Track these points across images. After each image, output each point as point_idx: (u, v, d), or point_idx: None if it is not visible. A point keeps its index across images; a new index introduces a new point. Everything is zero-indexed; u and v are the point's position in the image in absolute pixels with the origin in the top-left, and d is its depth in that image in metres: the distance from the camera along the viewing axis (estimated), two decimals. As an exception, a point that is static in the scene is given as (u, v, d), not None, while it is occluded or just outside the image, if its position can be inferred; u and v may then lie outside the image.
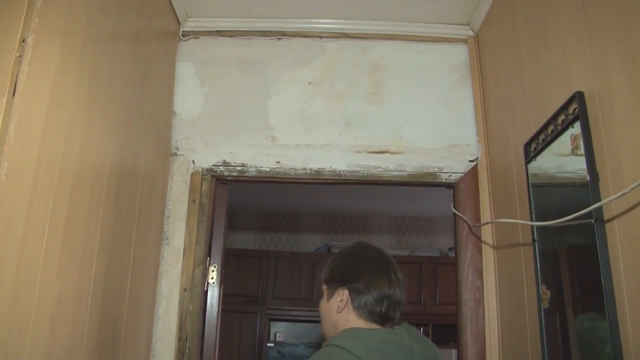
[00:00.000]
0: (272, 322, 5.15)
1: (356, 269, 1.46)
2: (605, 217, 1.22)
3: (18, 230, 1.11)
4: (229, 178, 2.22)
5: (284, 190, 4.76)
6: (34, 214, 1.16)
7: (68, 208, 1.31)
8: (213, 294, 2.19)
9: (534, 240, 1.60)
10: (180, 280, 2.06)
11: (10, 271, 1.09)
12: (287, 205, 5.37)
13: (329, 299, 1.47)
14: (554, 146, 1.54)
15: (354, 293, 1.41)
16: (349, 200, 5.05)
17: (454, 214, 2.18)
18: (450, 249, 5.24)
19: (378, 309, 1.40)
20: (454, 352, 5.37)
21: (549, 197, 1.63)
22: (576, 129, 1.36)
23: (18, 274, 1.11)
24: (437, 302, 4.99)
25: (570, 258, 1.55)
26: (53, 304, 1.25)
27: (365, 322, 1.40)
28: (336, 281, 1.46)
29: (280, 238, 5.59)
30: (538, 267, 1.57)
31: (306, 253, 5.21)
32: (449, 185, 2.23)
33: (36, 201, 1.17)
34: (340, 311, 1.42)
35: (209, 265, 2.17)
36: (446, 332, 5.01)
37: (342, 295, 1.43)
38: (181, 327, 2.02)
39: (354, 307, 1.41)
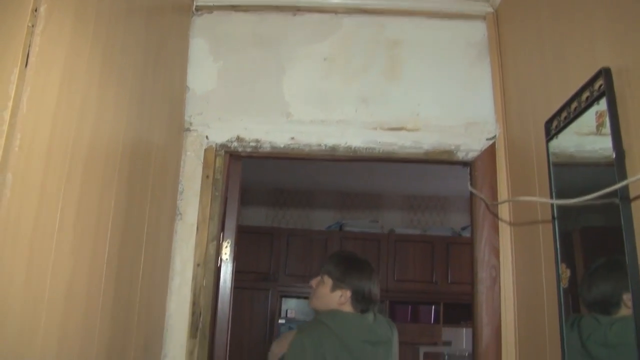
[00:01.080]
0: (283, 299, 5.18)
1: (358, 277, 2.17)
2: (631, 196, 1.19)
3: (32, 203, 1.10)
4: (242, 154, 2.20)
5: (297, 167, 4.75)
6: (47, 187, 1.15)
7: (81, 182, 1.29)
8: (226, 270, 2.19)
9: (553, 218, 1.57)
10: (193, 256, 2.05)
11: (24, 244, 1.08)
12: (300, 182, 5.36)
13: (332, 290, 2.16)
14: (576, 124, 1.50)
15: (354, 294, 2.15)
16: (362, 178, 5.03)
17: (471, 192, 2.15)
18: (463, 229, 5.22)
19: (362, 304, 2.16)
20: (464, 331, 5.40)
21: (569, 176, 1.60)
22: (601, 105, 1.32)
23: (32, 247, 1.10)
24: (449, 281, 4.98)
25: (591, 238, 1.52)
26: (67, 280, 1.24)
27: (351, 310, 2.15)
28: (344, 283, 2.16)
29: (292, 215, 5.59)
30: (557, 245, 1.55)
31: (318, 231, 5.21)
32: (465, 164, 2.20)
33: (50, 175, 1.16)
34: (341, 302, 2.14)
35: (222, 241, 2.16)
36: (457, 311, 5.03)
37: (345, 295, 2.15)
38: (194, 303, 2.02)
39: (347, 300, 2.14)
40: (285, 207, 5.62)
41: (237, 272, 2.26)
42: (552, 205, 1.58)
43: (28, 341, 1.10)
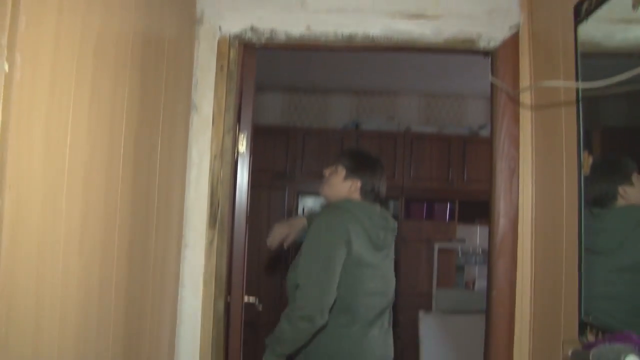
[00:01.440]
0: (300, 197, 5.24)
1: (370, 172, 2.32)
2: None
3: (44, 85, 1.07)
4: (257, 44, 2.14)
5: (312, 65, 4.65)
6: (58, 71, 1.12)
7: (93, 69, 1.26)
8: (243, 162, 2.19)
9: (578, 101, 1.53)
10: (210, 148, 2.05)
11: (39, 129, 1.07)
12: (315, 81, 5.27)
13: (344, 179, 2.31)
14: (608, 7, 1.43)
15: (363, 185, 2.31)
16: (378, 76, 4.93)
17: (491, 83, 2.09)
18: (480, 128, 5.16)
19: (369, 197, 2.33)
20: (478, 228, 5.47)
21: (595, 68, 1.54)
22: (637, -18, 1.24)
23: (48, 131, 1.09)
24: (465, 180, 4.99)
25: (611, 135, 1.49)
26: (84, 167, 1.24)
27: (360, 199, 2.31)
28: (355, 174, 2.31)
29: (308, 114, 5.55)
30: (581, 130, 1.51)
31: (334, 129, 5.18)
32: (487, 53, 2.12)
33: (60, 57, 1.13)
34: (351, 192, 2.30)
35: (239, 133, 2.15)
36: (472, 209, 5.07)
37: (355, 185, 2.31)
38: (212, 193, 2.04)
39: (357, 190, 2.31)
40: (301, 106, 5.56)
41: (254, 171, 2.26)
42: (577, 89, 1.53)
43: (52, 229, 1.12)
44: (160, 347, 1.86)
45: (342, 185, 2.31)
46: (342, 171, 2.32)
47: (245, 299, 2.30)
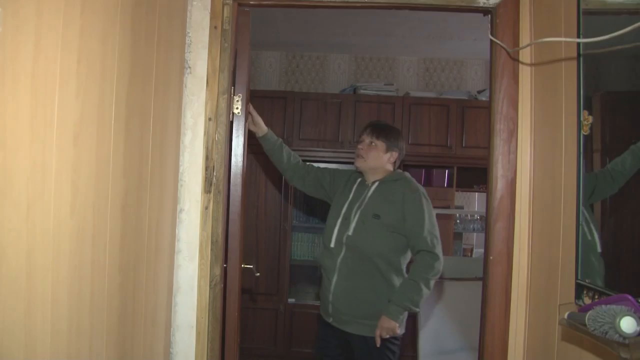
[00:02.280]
0: (297, 163, 5.20)
1: (402, 145, 2.77)
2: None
3: (28, 46, 1.04)
4: (251, 2, 2.08)
5: (310, 29, 4.58)
6: (43, 37, 1.09)
7: (80, 27, 1.22)
8: (239, 124, 2.16)
9: (579, 55, 1.49)
10: (204, 110, 2.02)
11: (25, 90, 1.04)
12: (313, 45, 5.19)
13: (385, 151, 2.68)
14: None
15: (398, 156, 2.74)
16: (377, 41, 4.86)
17: (491, 42, 2.05)
18: (479, 92, 5.11)
19: (399, 165, 2.79)
20: (476, 195, 5.45)
21: (598, 26, 1.50)
22: None
23: (34, 91, 1.06)
24: (463, 145, 4.95)
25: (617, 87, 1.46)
26: (75, 123, 1.21)
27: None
28: (395, 146, 2.71)
29: (305, 80, 5.48)
30: (581, 87, 1.48)
31: (332, 94, 5.12)
32: (486, 11, 2.07)
33: (44, 23, 1.09)
34: (388, 163, 2.70)
35: (234, 95, 2.11)
36: (470, 175, 5.05)
37: (393, 156, 2.72)
38: (207, 157, 2.02)
39: (393, 161, 2.72)
40: (298, 71, 5.49)
41: (251, 137, 2.24)
42: (577, 47, 1.50)
43: (40, 191, 1.10)
44: (157, 312, 1.85)
45: (383, 157, 2.69)
46: (382, 145, 2.68)
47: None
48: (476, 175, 4.97)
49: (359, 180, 2.73)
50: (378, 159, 2.67)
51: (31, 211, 1.06)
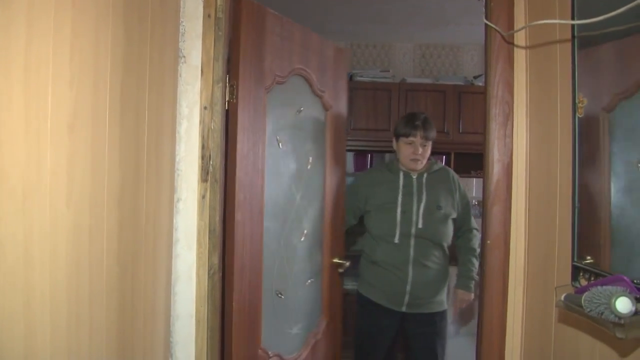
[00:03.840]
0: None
1: None
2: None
3: (19, 36, 1.04)
4: (245, -10, 2.07)
5: (304, 15, 4.56)
6: (34, 28, 1.08)
7: (72, 22, 1.21)
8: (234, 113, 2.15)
9: (573, 40, 1.49)
10: (200, 99, 2.01)
11: (18, 91, 1.04)
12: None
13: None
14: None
15: None
16: (372, 27, 4.84)
17: (485, 26, 2.04)
18: (475, 77, 5.10)
19: None
20: (474, 181, 5.46)
21: (593, 8, 1.50)
22: None
23: (27, 83, 1.06)
24: (460, 131, 4.95)
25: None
26: (69, 114, 1.21)
27: None
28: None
29: (301, 68, 5.48)
30: (576, 71, 1.48)
31: (328, 83, 5.11)
32: (481, -5, 2.07)
33: (34, 14, 1.09)
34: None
35: (229, 83, 2.11)
36: (467, 161, 5.04)
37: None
38: (203, 146, 2.01)
39: None
40: (293, 60, 5.49)
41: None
42: (572, 29, 1.49)
43: (37, 181, 1.10)
44: (156, 302, 1.86)
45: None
46: (430, 143, 2.88)
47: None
48: (474, 161, 4.97)
49: (401, 174, 2.88)
50: (428, 156, 2.90)
51: (27, 203, 1.07)
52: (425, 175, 2.88)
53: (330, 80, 2.76)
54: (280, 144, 2.44)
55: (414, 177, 2.87)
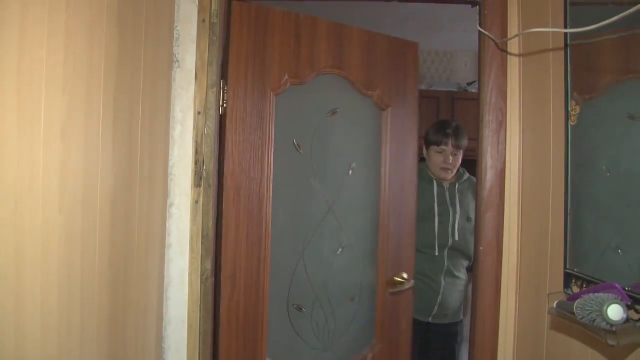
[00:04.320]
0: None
1: None
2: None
3: (12, 42, 1.04)
4: (240, -5, 2.07)
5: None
6: (28, 32, 1.08)
7: (66, 26, 1.21)
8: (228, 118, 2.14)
9: (566, 48, 1.50)
10: (193, 104, 2.01)
11: (11, 95, 1.03)
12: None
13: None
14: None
15: None
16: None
17: (479, 34, 2.05)
18: (469, 84, 5.12)
19: None
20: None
21: (585, 17, 1.51)
22: None
23: (19, 89, 1.06)
24: (454, 137, 4.97)
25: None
26: (62, 118, 1.21)
27: None
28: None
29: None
30: (569, 79, 1.49)
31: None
32: (474, 3, 2.08)
33: (28, 18, 1.08)
34: None
35: (224, 88, 2.10)
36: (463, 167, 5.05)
37: None
38: (197, 151, 2.01)
39: None
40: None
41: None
42: (565, 38, 1.50)
43: (29, 186, 1.10)
44: (148, 307, 1.85)
45: None
46: (461, 152, 2.86)
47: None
48: (467, 167, 4.99)
49: (435, 182, 2.83)
50: (458, 165, 2.89)
51: (19, 206, 1.06)
52: (457, 185, 2.86)
53: (386, 77, 2.45)
54: (300, 149, 2.28)
55: (447, 186, 2.84)
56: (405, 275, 2.46)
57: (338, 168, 2.38)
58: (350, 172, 2.39)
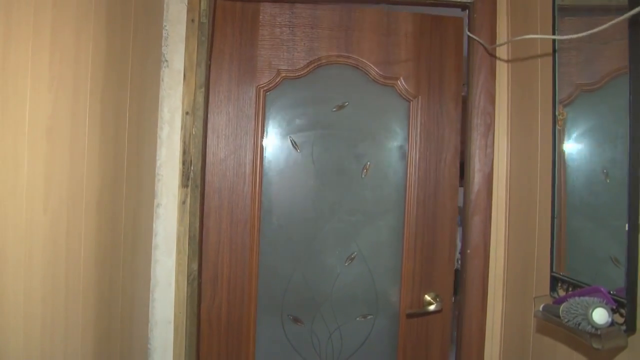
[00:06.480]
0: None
1: None
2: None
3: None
4: (229, -5, 2.06)
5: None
6: (13, 30, 1.07)
7: (52, 24, 1.20)
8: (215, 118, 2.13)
9: (554, 54, 1.51)
10: (182, 104, 2.00)
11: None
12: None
13: None
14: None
15: None
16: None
17: (468, 38, 2.06)
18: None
19: None
20: (460, 190, 5.48)
21: (573, 23, 1.52)
22: None
23: (4, 96, 1.04)
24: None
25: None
26: (48, 117, 1.19)
27: None
28: None
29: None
30: (556, 84, 1.50)
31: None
32: (464, 6, 2.08)
33: (13, 16, 1.07)
34: None
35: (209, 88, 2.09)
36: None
37: None
38: (185, 151, 2.00)
39: None
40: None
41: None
42: (553, 44, 1.51)
43: (13, 186, 1.08)
44: (134, 308, 1.84)
45: None
46: None
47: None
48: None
49: None
50: None
51: (2, 207, 1.05)
52: None
53: (414, 63, 2.17)
54: (297, 147, 2.16)
55: None
56: (433, 295, 2.19)
57: (348, 168, 2.18)
58: (364, 172, 2.19)
